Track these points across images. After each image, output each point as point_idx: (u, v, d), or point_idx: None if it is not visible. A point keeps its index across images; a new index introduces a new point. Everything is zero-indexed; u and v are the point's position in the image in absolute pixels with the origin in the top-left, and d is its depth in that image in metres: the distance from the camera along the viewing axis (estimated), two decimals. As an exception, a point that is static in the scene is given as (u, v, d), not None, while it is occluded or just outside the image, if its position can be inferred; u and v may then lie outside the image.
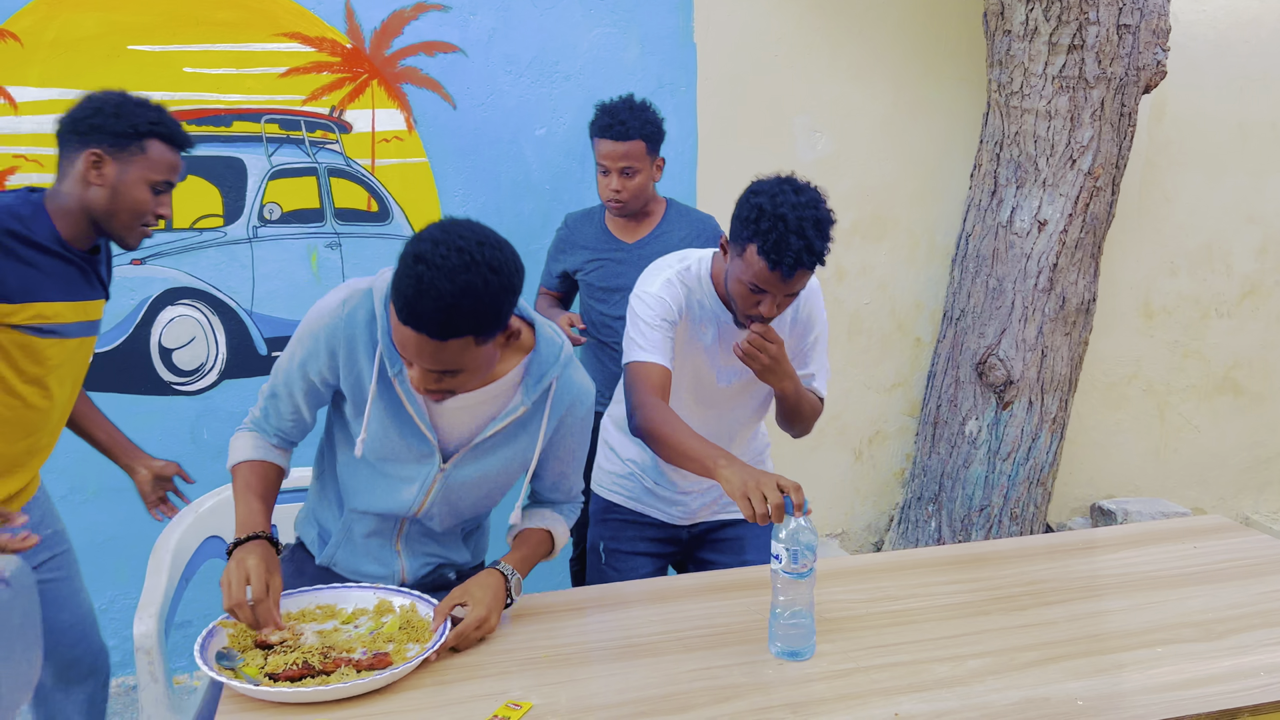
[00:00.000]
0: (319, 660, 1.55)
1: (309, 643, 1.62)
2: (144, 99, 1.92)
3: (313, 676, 1.52)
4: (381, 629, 1.68)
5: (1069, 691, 1.51)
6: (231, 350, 3.06)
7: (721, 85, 3.33)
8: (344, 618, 1.72)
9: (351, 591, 1.78)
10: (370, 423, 1.71)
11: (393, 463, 1.76)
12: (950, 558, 2.07)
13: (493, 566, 1.75)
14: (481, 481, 1.81)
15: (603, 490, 2.27)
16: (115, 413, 2.99)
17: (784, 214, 1.79)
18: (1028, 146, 3.31)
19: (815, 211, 1.82)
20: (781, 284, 1.85)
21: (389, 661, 1.57)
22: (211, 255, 3.02)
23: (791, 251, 1.79)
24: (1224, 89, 3.82)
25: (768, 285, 1.86)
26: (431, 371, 1.57)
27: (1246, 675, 1.56)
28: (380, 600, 1.75)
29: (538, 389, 1.74)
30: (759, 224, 1.82)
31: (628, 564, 2.23)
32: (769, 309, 1.89)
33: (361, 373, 1.70)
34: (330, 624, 1.69)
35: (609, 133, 2.59)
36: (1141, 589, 1.89)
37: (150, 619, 1.88)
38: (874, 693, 1.52)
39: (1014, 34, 3.23)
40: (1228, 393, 4.09)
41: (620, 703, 1.49)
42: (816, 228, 1.81)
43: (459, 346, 1.53)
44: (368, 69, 3.04)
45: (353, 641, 1.63)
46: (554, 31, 3.16)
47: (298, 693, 1.46)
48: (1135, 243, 3.85)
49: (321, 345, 1.70)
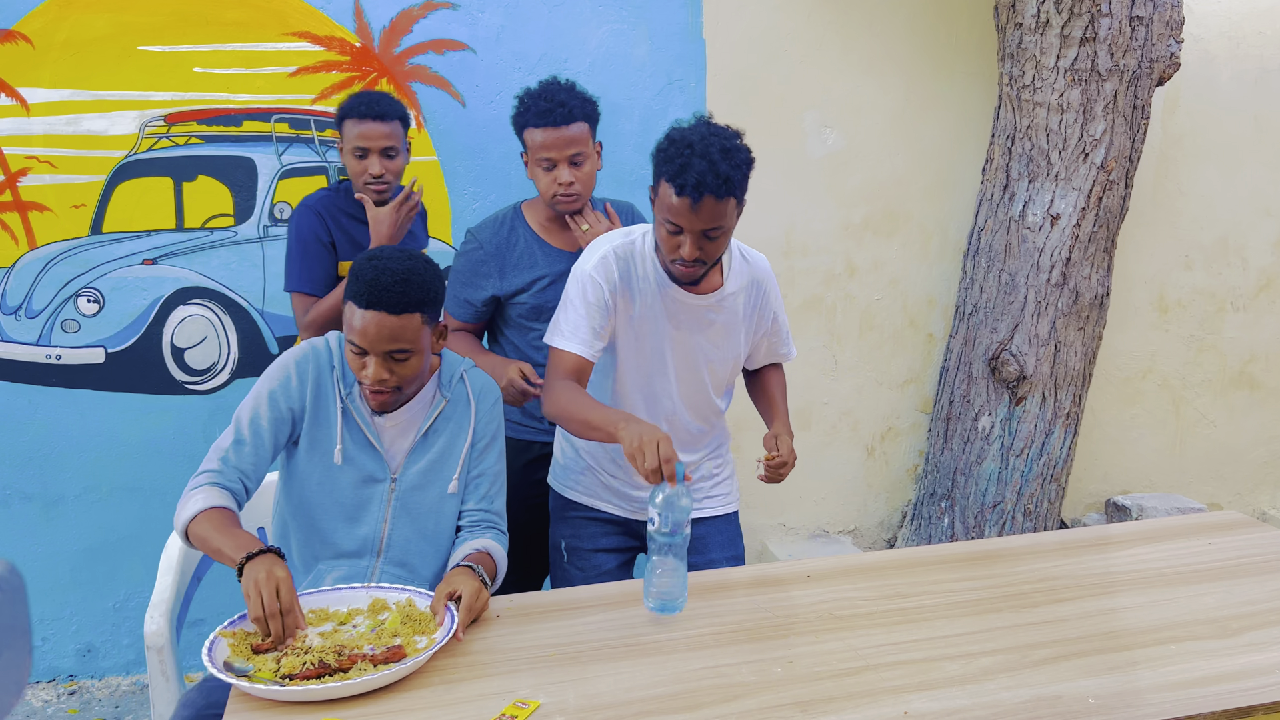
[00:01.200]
0: (334, 659, 1.55)
1: (314, 644, 1.61)
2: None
3: (330, 675, 1.52)
4: (383, 625, 1.68)
5: (1081, 689, 1.50)
6: (243, 349, 3.07)
7: (731, 81, 3.32)
8: (340, 618, 1.72)
9: (342, 593, 1.78)
10: (335, 439, 1.91)
11: (348, 490, 1.91)
12: (962, 555, 2.06)
13: (454, 567, 1.84)
14: (429, 484, 1.94)
15: (561, 487, 2.26)
16: (127, 412, 3.03)
17: (690, 141, 1.83)
18: (1040, 140, 3.29)
19: (723, 140, 1.84)
20: (692, 213, 1.84)
21: (403, 654, 1.57)
22: (223, 255, 3.03)
23: (694, 173, 1.79)
24: (1239, 81, 3.78)
25: (680, 218, 1.85)
26: (386, 358, 1.80)
27: (1261, 672, 1.54)
28: (374, 599, 1.76)
29: (451, 384, 1.98)
30: (668, 153, 1.85)
31: (590, 561, 2.21)
32: (689, 250, 1.88)
33: (326, 390, 1.91)
34: (328, 626, 1.69)
35: (549, 119, 2.27)
36: (1156, 585, 1.88)
37: (161, 618, 1.88)
38: (884, 691, 1.51)
39: (1025, 27, 3.21)
40: (1244, 387, 4.05)
41: (628, 701, 1.49)
42: (724, 154, 1.83)
43: (412, 325, 1.80)
44: (377, 67, 3.04)
45: (358, 639, 1.63)
46: (563, 28, 3.16)
47: (327, 689, 1.47)
48: (1149, 236, 3.82)
49: (292, 372, 1.90)
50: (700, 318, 2.05)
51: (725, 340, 2.10)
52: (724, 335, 2.10)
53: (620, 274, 2.00)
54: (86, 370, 2.98)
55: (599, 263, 1.99)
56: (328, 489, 1.91)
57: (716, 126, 1.88)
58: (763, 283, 2.15)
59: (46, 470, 2.99)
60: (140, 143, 2.92)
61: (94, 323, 2.97)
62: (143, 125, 2.92)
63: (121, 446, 3.03)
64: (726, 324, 2.09)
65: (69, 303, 2.94)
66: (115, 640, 3.12)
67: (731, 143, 1.85)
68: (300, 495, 1.92)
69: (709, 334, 2.08)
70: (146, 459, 3.04)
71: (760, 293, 2.14)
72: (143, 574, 3.08)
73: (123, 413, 3.03)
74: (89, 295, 2.95)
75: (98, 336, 2.97)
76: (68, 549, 3.04)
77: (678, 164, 1.81)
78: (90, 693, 3.07)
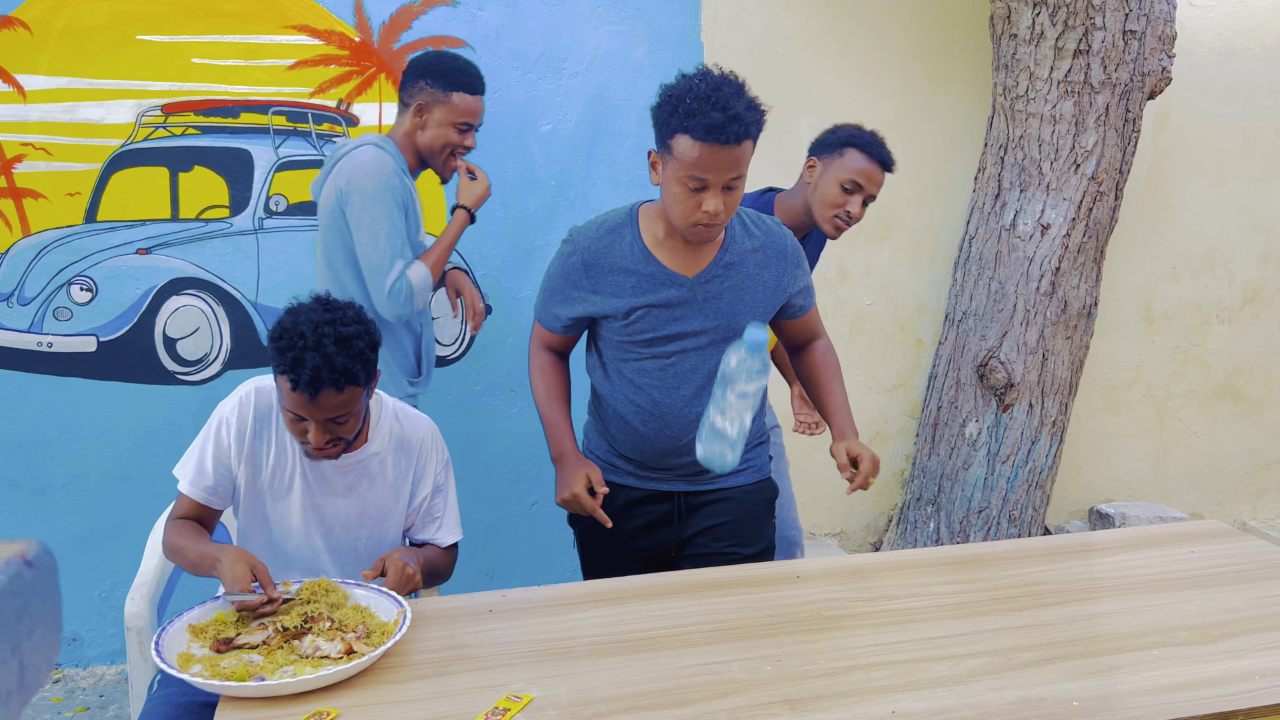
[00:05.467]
0: (298, 624, 1.61)
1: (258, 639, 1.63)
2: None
3: (298, 639, 1.59)
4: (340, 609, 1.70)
5: (1065, 692, 1.53)
6: (235, 341, 3.07)
7: (728, 84, 3.33)
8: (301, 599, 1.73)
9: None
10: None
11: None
12: (948, 558, 2.08)
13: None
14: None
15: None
16: (119, 402, 3.02)
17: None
18: (1032, 150, 3.32)
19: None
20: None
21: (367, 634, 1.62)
22: (217, 246, 3.03)
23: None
24: (1229, 95, 3.82)
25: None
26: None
27: (1242, 678, 1.57)
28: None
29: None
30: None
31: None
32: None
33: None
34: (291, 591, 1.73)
35: (718, 135, 1.79)
36: (1138, 592, 1.90)
37: (142, 600, 1.88)
38: (871, 691, 1.53)
39: (1020, 38, 3.24)
40: (1227, 399, 4.10)
41: (619, 696, 1.50)
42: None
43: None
44: (375, 63, 3.05)
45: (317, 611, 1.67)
46: (561, 28, 3.17)
47: (301, 681, 1.47)
48: (1138, 248, 3.85)
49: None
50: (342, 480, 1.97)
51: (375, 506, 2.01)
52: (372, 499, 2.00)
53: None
54: (78, 359, 2.98)
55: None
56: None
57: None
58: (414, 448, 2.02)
59: (35, 458, 2.99)
60: (137, 132, 2.92)
61: (86, 311, 2.96)
62: (139, 115, 2.92)
63: (111, 436, 3.03)
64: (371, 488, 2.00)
65: (61, 290, 2.94)
66: (100, 629, 3.11)
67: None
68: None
69: (350, 499, 1.98)
70: (136, 449, 3.04)
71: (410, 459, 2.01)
72: (129, 564, 3.05)
73: (113, 402, 3.03)
74: (82, 284, 2.95)
75: (90, 325, 2.97)
76: (55, 537, 3.03)
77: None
78: (74, 681, 3.06)
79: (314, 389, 1.69)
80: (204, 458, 1.87)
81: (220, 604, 1.70)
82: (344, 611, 1.68)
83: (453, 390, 3.25)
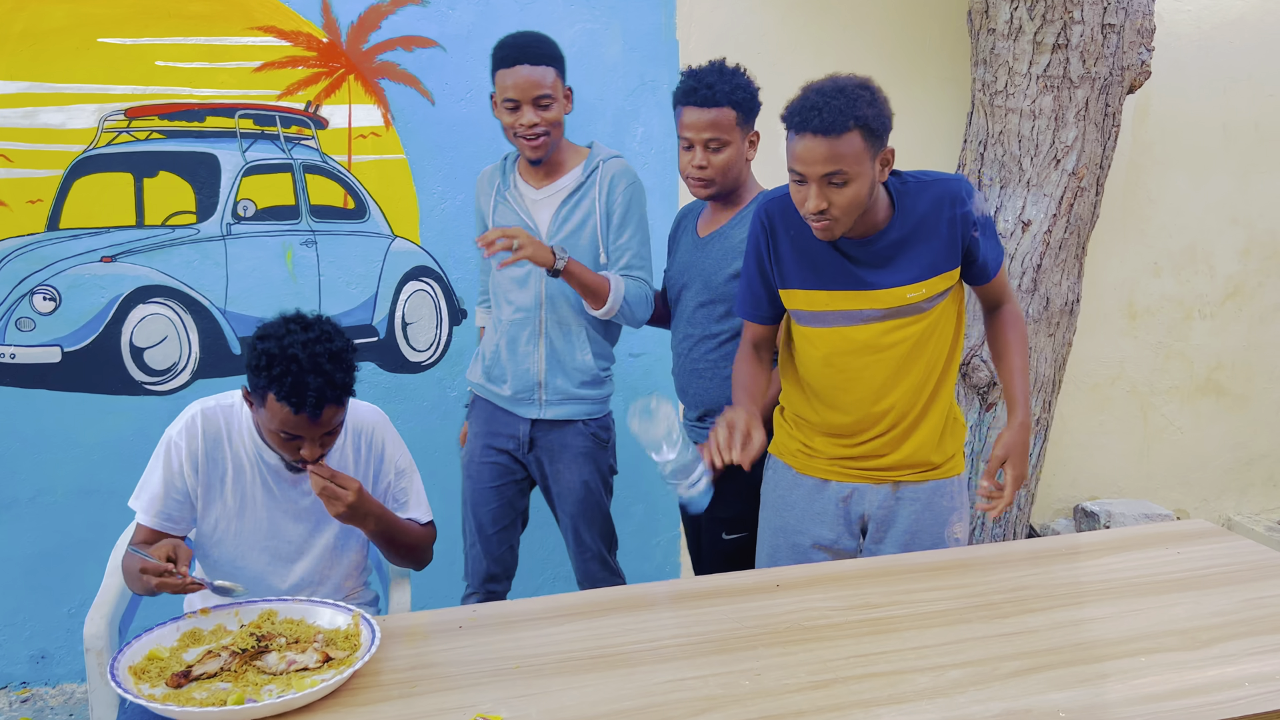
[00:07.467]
0: (252, 644, 1.56)
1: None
2: None
3: (258, 658, 1.55)
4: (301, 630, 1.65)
5: (1051, 703, 1.48)
6: (204, 350, 3.01)
7: (704, 82, 3.29)
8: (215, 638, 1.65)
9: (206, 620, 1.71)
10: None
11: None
12: (932, 563, 2.04)
13: None
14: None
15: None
16: (86, 413, 2.95)
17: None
18: (1012, 146, 3.29)
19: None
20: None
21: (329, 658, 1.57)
22: (184, 253, 2.96)
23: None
24: (1208, 89, 3.80)
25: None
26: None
27: (1231, 685, 1.53)
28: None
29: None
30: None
31: None
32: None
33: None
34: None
35: (693, 98, 2.24)
36: (1125, 596, 1.87)
37: (101, 620, 1.84)
38: (853, 704, 1.48)
39: (998, 33, 3.21)
40: (1210, 394, 4.08)
41: (593, 715, 1.46)
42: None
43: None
44: (344, 64, 2.99)
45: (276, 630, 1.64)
46: (534, 26, 3.09)
47: (269, 705, 1.42)
48: (1119, 243, 3.83)
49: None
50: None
51: None
52: None
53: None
54: (42, 370, 2.91)
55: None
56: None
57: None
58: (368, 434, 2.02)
59: (-1, 472, 2.92)
60: (99, 137, 2.86)
61: (50, 321, 2.89)
62: (102, 119, 2.85)
63: (78, 448, 2.96)
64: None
65: (24, 300, 2.87)
66: (70, 646, 3.04)
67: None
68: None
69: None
70: (104, 461, 2.97)
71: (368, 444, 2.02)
72: (97, 580, 2.99)
73: (79, 414, 2.96)
74: (45, 293, 2.88)
75: (54, 335, 2.90)
76: (20, 553, 2.97)
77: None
78: (44, 700, 2.99)
79: (318, 410, 1.71)
80: (156, 485, 1.86)
81: (181, 623, 1.64)
82: (297, 625, 1.65)
83: (428, 396, 3.19)
